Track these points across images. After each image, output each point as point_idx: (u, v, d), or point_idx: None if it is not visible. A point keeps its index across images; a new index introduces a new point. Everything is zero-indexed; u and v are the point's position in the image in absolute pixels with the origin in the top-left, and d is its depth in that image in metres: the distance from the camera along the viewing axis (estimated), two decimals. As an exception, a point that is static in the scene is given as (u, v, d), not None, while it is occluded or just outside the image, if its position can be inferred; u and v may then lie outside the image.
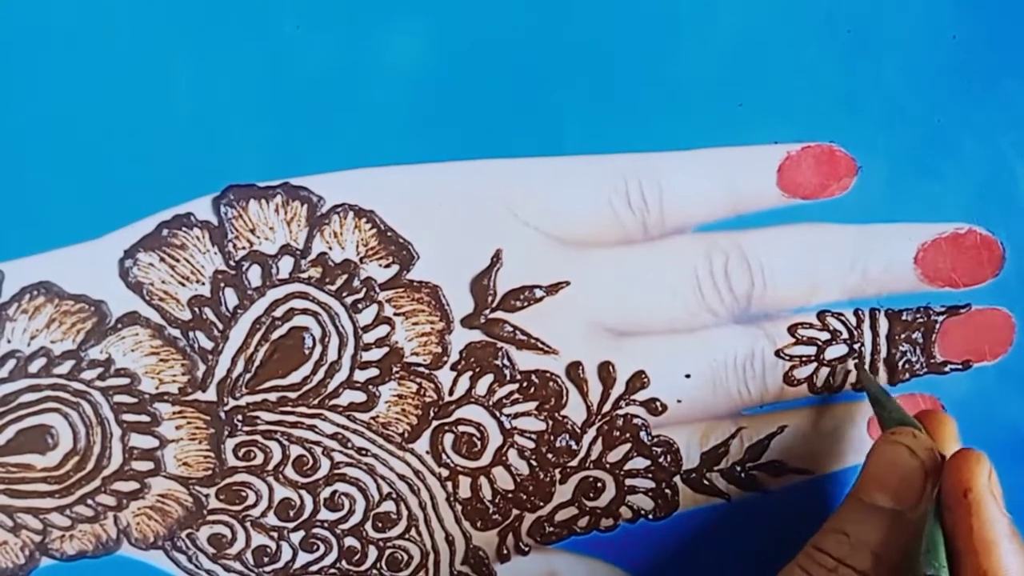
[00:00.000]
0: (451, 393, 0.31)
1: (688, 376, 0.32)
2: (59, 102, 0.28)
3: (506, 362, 0.31)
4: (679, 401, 0.32)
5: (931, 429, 0.29)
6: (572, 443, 0.32)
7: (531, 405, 0.31)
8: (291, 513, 0.32)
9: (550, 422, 0.32)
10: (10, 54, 0.27)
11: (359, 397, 0.31)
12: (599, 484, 0.33)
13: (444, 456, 0.32)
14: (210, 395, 0.30)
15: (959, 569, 0.25)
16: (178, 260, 0.29)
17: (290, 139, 0.28)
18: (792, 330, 0.32)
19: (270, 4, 0.27)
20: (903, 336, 0.32)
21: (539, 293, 0.30)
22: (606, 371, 0.31)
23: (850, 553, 0.27)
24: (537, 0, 0.28)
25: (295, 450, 0.31)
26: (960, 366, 0.33)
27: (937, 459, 0.28)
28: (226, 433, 0.30)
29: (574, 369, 0.31)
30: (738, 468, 0.33)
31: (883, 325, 0.32)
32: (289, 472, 0.31)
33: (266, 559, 0.32)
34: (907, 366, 0.32)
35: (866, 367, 0.32)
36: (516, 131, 0.29)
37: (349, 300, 0.30)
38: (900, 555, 0.27)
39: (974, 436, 0.33)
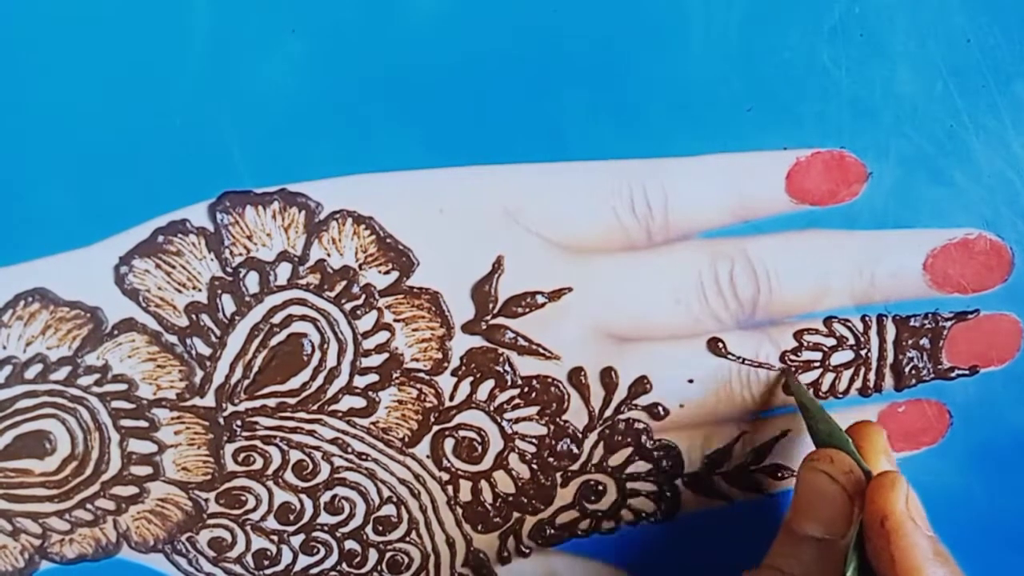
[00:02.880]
0: (452, 398, 0.31)
1: (691, 381, 0.31)
2: (53, 108, 0.27)
3: (507, 367, 0.31)
4: (682, 406, 0.32)
5: (859, 442, 0.29)
6: (573, 447, 0.32)
7: (532, 410, 0.31)
8: (291, 517, 0.32)
9: (551, 427, 0.31)
10: (4, 59, 0.26)
11: (359, 403, 0.30)
12: (600, 487, 0.33)
13: (445, 460, 0.31)
14: (208, 401, 0.30)
15: None
16: (174, 267, 0.28)
17: (287, 145, 0.28)
18: (798, 336, 0.31)
19: (266, 8, 0.27)
20: (910, 342, 0.32)
21: (541, 299, 0.30)
22: (608, 376, 0.31)
23: None
24: (540, 3, 0.27)
25: (295, 455, 0.31)
26: (967, 372, 0.32)
27: (861, 479, 0.27)
28: (225, 438, 0.30)
29: (576, 374, 0.31)
30: (740, 471, 0.33)
31: (890, 331, 0.32)
32: (289, 476, 0.31)
33: (266, 562, 0.32)
34: (913, 372, 0.32)
35: (797, 377, 0.31)
36: (518, 136, 0.28)
37: (348, 306, 0.29)
38: None
39: (980, 441, 0.33)
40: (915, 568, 0.24)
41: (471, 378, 0.31)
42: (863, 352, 0.32)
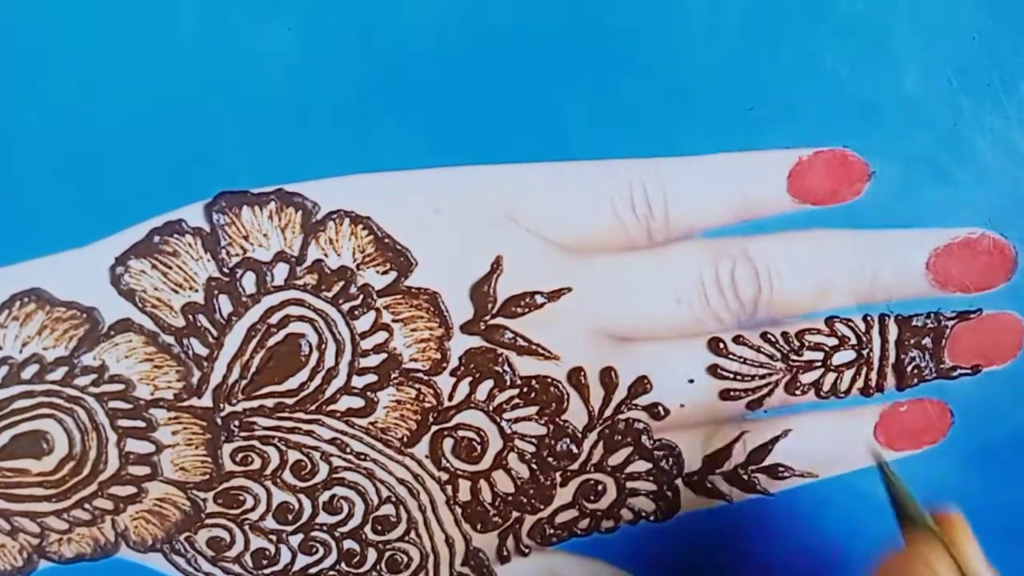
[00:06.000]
0: (451, 398, 0.31)
1: (691, 381, 0.31)
2: (50, 108, 0.27)
3: (506, 368, 0.30)
4: (682, 406, 0.32)
5: (949, 535, 0.27)
6: (573, 447, 0.32)
7: (532, 410, 0.31)
8: (290, 517, 0.31)
9: (551, 426, 0.31)
10: (1, 60, 0.26)
11: (357, 403, 0.30)
12: (600, 487, 0.32)
13: (444, 460, 0.31)
14: (206, 401, 0.30)
15: None
16: (170, 267, 0.28)
17: (284, 144, 0.28)
18: (800, 336, 0.31)
19: (263, 6, 0.26)
20: (912, 341, 0.31)
21: (540, 299, 0.30)
22: (608, 377, 0.31)
23: None
24: (538, 2, 0.27)
25: (293, 455, 0.31)
26: (969, 371, 0.32)
27: None
28: (223, 438, 0.30)
29: (576, 374, 0.31)
30: (740, 471, 0.33)
31: (892, 331, 0.31)
32: (287, 477, 0.31)
33: (265, 562, 0.32)
34: (915, 371, 0.32)
35: (889, 466, 0.30)
36: (517, 135, 0.28)
37: (346, 307, 0.29)
38: None
39: (982, 441, 0.33)
40: None
41: (470, 378, 0.30)
42: (865, 352, 0.32)
